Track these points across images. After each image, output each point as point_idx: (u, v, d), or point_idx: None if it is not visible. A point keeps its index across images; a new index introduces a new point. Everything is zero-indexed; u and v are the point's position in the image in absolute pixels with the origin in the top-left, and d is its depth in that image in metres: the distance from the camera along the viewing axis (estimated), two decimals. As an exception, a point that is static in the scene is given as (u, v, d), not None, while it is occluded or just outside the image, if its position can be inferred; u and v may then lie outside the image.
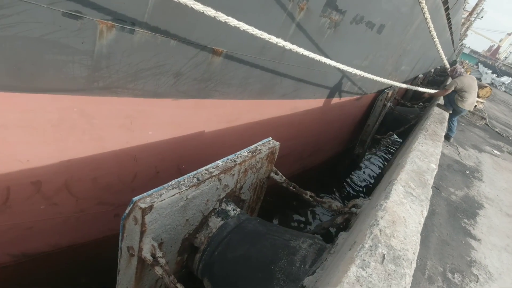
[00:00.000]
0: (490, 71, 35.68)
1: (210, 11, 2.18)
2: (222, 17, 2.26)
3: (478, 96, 9.23)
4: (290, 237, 2.53)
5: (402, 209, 1.78)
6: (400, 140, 11.21)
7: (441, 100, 6.80)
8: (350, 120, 7.65)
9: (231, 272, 2.36)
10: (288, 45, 2.89)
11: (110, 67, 2.42)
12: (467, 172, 4.35)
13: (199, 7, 2.10)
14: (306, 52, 3.14)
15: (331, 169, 8.36)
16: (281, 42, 2.79)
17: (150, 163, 3.37)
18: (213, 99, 3.53)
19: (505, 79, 30.88)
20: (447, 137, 5.38)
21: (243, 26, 2.44)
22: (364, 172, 9.47)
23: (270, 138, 3.23)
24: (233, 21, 2.35)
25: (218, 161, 2.59)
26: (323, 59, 3.40)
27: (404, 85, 6.87)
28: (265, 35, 2.64)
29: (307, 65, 4.30)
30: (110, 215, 3.26)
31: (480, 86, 10.20)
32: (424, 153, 2.86)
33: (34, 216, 2.69)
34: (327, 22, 4.00)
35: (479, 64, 55.51)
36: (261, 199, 3.46)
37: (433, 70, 20.56)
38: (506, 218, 3.40)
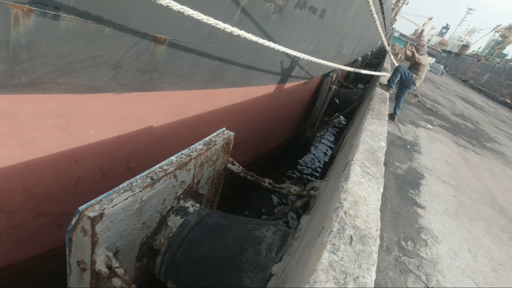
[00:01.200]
0: (417, 52, 39.28)
1: (148, -7, 1.98)
2: (163, 0, 2.07)
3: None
4: (253, 226, 2.49)
5: (362, 188, 1.85)
6: (345, 121, 11.88)
7: (382, 80, 7.22)
8: (299, 104, 7.83)
9: (197, 270, 2.27)
10: (236, 31, 2.78)
11: (34, 60, 2.08)
12: (408, 147, 4.73)
13: (135, -12, 1.89)
14: (254, 38, 3.05)
15: (285, 154, 8.54)
16: (228, 27, 2.66)
17: (94, 165, 3.06)
18: (160, 91, 3.30)
19: (430, 59, 34.25)
20: (392, 116, 5.70)
21: (188, 10, 2.26)
22: (316, 154, 9.85)
23: (224, 128, 3.13)
24: (176, 5, 2.16)
25: (172, 157, 2.43)
26: (271, 44, 3.35)
27: (347, 68, 7.20)
28: (211, 20, 2.50)
29: (254, 51, 4.22)
30: (52, 227, 2.92)
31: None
32: (374, 132, 3.02)
33: (-46, 240, 2.28)
34: (272, 6, 3.94)
35: (408, 46, 60.89)
36: (219, 191, 3.37)
37: (370, 53, 21.95)
38: (443, 185, 3.79)
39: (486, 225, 3.20)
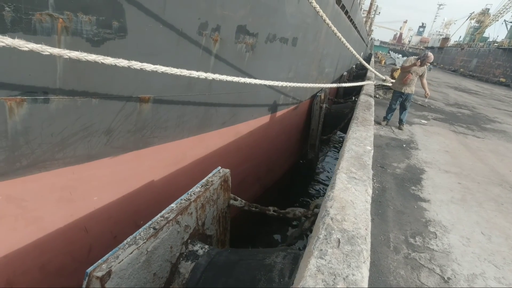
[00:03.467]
0: (400, 55, 40.47)
1: (122, 62, 2.20)
2: (136, 65, 2.29)
3: (394, 78, 10.33)
4: (263, 256, 2.51)
5: (348, 193, 1.91)
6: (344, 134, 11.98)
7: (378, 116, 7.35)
8: (294, 129, 7.99)
9: (214, 312, 2.26)
10: (210, 75, 3.00)
11: (31, 142, 2.28)
12: (404, 146, 4.77)
13: (109, 60, 2.11)
14: (229, 78, 3.27)
15: (292, 180, 8.55)
16: (202, 74, 2.89)
17: (104, 229, 3.15)
18: (153, 146, 3.47)
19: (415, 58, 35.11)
20: (385, 119, 5.73)
21: (160, 68, 2.49)
22: (323, 173, 9.83)
23: (219, 167, 3.24)
24: (148, 66, 2.39)
25: (172, 204, 2.53)
26: (248, 80, 3.57)
27: (332, 85, 7.45)
28: (185, 72, 2.72)
29: (236, 90, 4.47)
30: (72, 300, 2.94)
31: (394, 70, 11.46)
32: (359, 139, 3.11)
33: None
34: (243, 46, 4.24)
35: (390, 51, 63.01)
36: (228, 229, 3.40)
37: (354, 66, 22.60)
38: (445, 175, 3.78)
39: (497, 205, 3.15)
